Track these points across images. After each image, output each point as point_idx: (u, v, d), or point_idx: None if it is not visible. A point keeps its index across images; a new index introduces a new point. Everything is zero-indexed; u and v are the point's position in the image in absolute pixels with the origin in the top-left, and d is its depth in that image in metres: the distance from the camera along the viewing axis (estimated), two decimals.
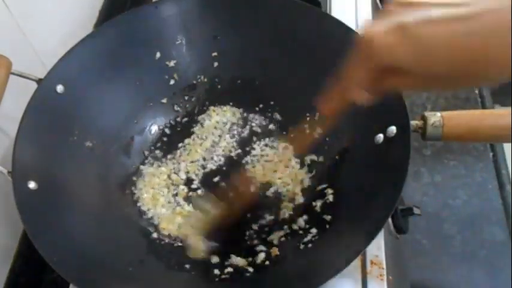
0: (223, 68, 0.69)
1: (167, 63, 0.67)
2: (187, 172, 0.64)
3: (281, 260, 0.54)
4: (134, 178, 0.63)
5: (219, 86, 0.69)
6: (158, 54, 0.66)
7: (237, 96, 0.69)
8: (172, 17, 0.65)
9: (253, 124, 0.67)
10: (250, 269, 0.53)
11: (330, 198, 0.57)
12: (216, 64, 0.69)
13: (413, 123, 0.50)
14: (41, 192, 0.51)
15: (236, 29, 0.66)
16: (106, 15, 0.83)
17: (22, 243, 0.63)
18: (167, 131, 0.68)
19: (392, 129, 0.51)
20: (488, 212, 0.76)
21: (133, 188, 0.62)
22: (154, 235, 0.58)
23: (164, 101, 0.68)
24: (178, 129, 0.68)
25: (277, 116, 0.67)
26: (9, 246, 0.62)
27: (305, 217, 0.57)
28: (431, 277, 0.71)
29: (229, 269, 0.53)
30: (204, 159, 0.65)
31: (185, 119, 0.68)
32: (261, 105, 0.68)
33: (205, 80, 0.69)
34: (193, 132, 0.67)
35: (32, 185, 0.50)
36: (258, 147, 0.65)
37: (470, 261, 0.72)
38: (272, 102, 0.68)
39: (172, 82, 0.68)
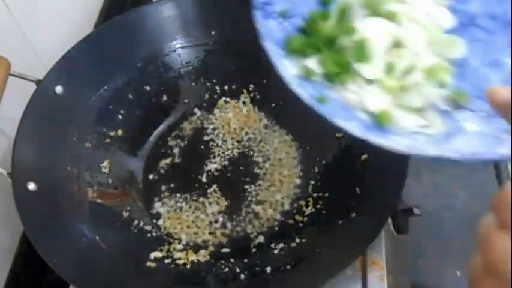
0: None
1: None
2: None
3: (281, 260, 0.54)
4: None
5: (217, 87, 0.69)
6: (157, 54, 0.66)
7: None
8: (171, 17, 0.64)
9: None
10: (247, 274, 0.53)
11: (330, 197, 0.57)
12: None
13: None
14: (40, 193, 0.51)
15: (235, 31, 0.65)
16: (106, 16, 0.82)
17: (22, 243, 0.63)
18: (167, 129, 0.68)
19: None
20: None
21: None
22: (154, 233, 0.58)
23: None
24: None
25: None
26: (9, 247, 0.62)
27: (305, 218, 0.57)
28: (431, 277, 0.71)
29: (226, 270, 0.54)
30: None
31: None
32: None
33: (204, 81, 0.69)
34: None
35: (31, 186, 0.50)
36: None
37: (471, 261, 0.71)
38: (273, 104, 0.68)
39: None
